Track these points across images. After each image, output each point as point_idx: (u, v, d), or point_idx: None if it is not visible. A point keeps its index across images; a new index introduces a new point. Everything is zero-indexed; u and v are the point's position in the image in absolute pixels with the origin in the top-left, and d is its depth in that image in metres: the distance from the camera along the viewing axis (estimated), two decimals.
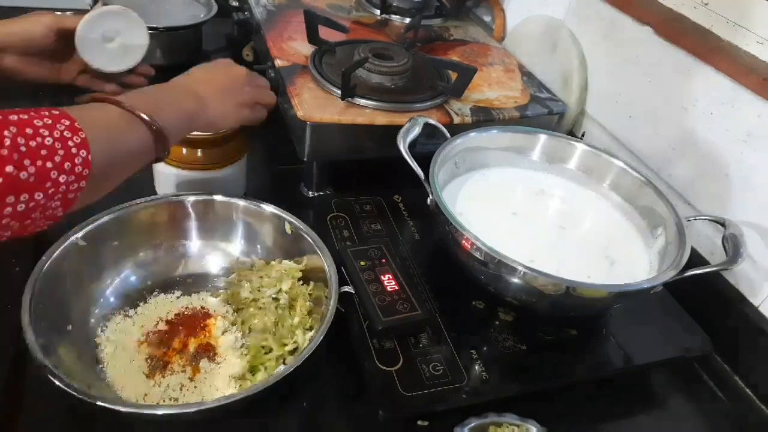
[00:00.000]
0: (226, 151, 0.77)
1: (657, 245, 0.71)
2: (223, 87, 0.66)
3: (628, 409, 0.68)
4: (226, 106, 0.65)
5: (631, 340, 0.69)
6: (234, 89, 0.67)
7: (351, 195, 0.81)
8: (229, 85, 0.67)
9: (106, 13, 0.74)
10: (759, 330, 0.70)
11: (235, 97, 0.67)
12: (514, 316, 0.68)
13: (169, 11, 1.16)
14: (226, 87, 0.66)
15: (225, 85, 0.66)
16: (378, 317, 0.61)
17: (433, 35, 1.11)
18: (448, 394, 0.59)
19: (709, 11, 0.79)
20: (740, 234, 0.65)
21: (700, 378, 0.74)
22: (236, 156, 0.78)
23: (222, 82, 0.66)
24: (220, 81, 0.66)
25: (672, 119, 0.83)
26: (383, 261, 0.68)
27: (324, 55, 0.91)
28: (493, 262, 0.60)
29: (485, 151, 0.79)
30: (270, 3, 1.08)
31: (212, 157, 0.76)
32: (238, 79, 0.68)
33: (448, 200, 0.68)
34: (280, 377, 0.52)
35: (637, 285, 0.61)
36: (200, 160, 0.75)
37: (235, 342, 0.63)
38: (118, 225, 0.67)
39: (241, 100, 0.67)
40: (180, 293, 0.69)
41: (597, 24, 0.95)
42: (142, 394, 0.58)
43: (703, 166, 0.78)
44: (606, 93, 0.95)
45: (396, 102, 0.84)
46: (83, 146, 0.46)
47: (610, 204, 0.78)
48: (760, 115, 0.70)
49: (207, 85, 0.64)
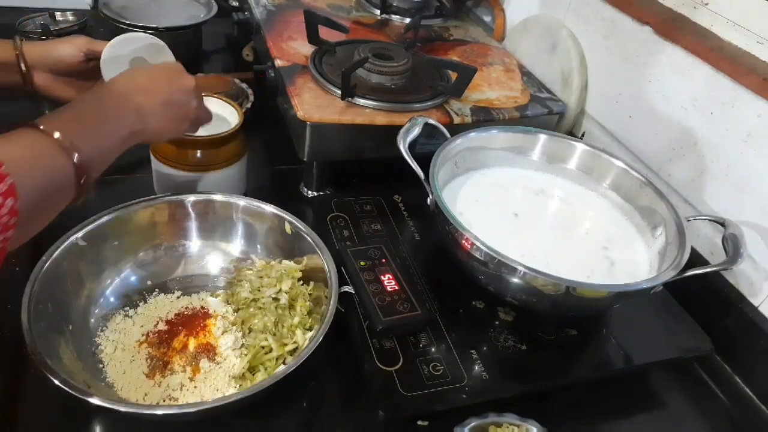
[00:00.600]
0: (226, 152, 0.77)
1: (657, 245, 0.71)
2: (168, 99, 0.59)
3: (628, 409, 0.68)
4: (167, 122, 0.60)
5: (631, 340, 0.69)
6: (178, 103, 0.61)
7: (351, 195, 0.82)
8: (173, 98, 0.60)
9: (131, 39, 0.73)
10: (759, 330, 0.70)
11: (179, 111, 0.61)
12: (514, 316, 0.68)
13: (169, 11, 1.16)
14: (171, 100, 0.60)
15: (170, 97, 0.59)
16: (378, 317, 0.61)
17: (433, 35, 1.11)
18: (448, 394, 0.59)
19: (709, 11, 0.79)
20: (740, 234, 0.65)
21: (700, 378, 0.74)
22: (236, 157, 0.78)
23: (167, 93, 0.59)
24: (165, 92, 0.59)
25: (672, 119, 0.83)
26: (383, 261, 0.68)
27: (324, 55, 0.91)
28: (493, 262, 0.60)
29: (485, 151, 0.79)
30: (270, 3, 1.08)
31: (212, 158, 0.76)
32: (185, 91, 0.61)
33: (448, 200, 0.68)
34: (280, 377, 0.52)
35: (637, 285, 0.61)
36: (200, 161, 0.75)
37: (235, 342, 0.63)
38: (118, 225, 0.67)
39: (184, 114, 0.62)
40: (180, 293, 0.69)
41: (597, 24, 0.95)
42: (142, 394, 0.58)
43: (703, 166, 0.78)
44: (606, 93, 0.95)
45: (396, 102, 0.84)
46: (10, 194, 0.41)
47: (610, 204, 0.78)
48: (760, 115, 0.70)
49: (149, 96, 0.57)
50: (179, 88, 0.61)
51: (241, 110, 0.80)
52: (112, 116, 0.55)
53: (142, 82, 0.58)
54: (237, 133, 0.77)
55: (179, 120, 0.61)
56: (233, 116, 0.80)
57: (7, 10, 1.20)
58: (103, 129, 0.53)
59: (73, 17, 1.08)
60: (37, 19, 1.04)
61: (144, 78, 0.59)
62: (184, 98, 0.61)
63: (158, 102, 0.58)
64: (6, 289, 0.61)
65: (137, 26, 1.06)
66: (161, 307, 0.67)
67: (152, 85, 0.59)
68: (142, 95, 0.57)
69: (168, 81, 0.60)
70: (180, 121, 0.62)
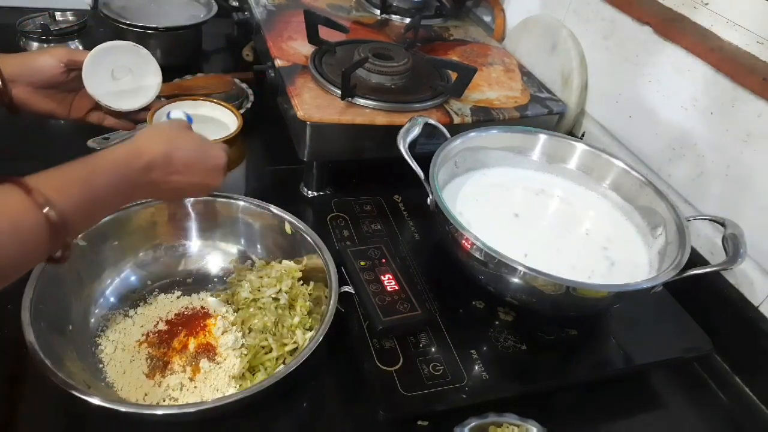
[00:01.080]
0: None
1: (657, 245, 0.71)
2: (191, 183, 0.58)
3: (628, 409, 0.68)
4: (180, 196, 0.59)
5: (631, 340, 0.69)
6: (201, 185, 0.59)
7: (351, 195, 0.81)
8: (198, 180, 0.58)
9: (112, 48, 0.72)
10: (759, 330, 0.70)
11: (199, 191, 0.60)
12: (514, 316, 0.68)
13: (169, 11, 1.16)
14: (194, 183, 0.58)
15: (194, 181, 0.58)
16: (378, 317, 0.61)
17: (433, 35, 1.11)
18: (448, 394, 0.59)
19: (709, 11, 0.79)
20: (740, 234, 0.65)
21: (700, 378, 0.74)
22: (235, 162, 0.78)
23: (194, 177, 0.57)
24: (196, 176, 0.57)
25: (672, 119, 0.83)
26: (383, 261, 0.68)
27: (324, 55, 0.91)
28: (493, 262, 0.60)
29: (485, 151, 0.79)
30: (270, 3, 1.08)
31: None
32: (213, 173, 0.59)
33: (448, 200, 0.68)
34: (280, 377, 0.52)
35: (637, 285, 0.61)
36: None
37: (235, 342, 0.63)
38: (118, 225, 0.67)
39: (203, 191, 0.60)
40: (180, 293, 0.69)
41: (597, 24, 0.95)
42: (142, 394, 0.58)
43: (703, 166, 0.78)
44: (606, 93, 0.95)
45: (396, 102, 0.84)
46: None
47: (610, 204, 0.78)
48: (760, 114, 0.70)
49: (177, 177, 0.55)
50: (207, 173, 0.58)
51: (240, 115, 0.79)
52: (120, 192, 0.52)
53: (178, 166, 0.55)
54: (236, 138, 0.76)
55: (193, 194, 0.60)
56: (232, 121, 0.79)
57: (7, 10, 1.20)
58: (104, 203, 0.50)
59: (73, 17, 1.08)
60: (37, 19, 1.04)
61: (180, 161, 0.56)
62: (206, 181, 0.59)
63: (183, 184, 0.57)
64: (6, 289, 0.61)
65: (137, 26, 1.06)
66: (161, 307, 0.67)
67: (186, 169, 0.56)
68: (171, 179, 0.55)
69: (202, 166, 0.58)
70: (194, 194, 0.61)
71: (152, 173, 0.54)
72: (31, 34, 1.01)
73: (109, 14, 1.07)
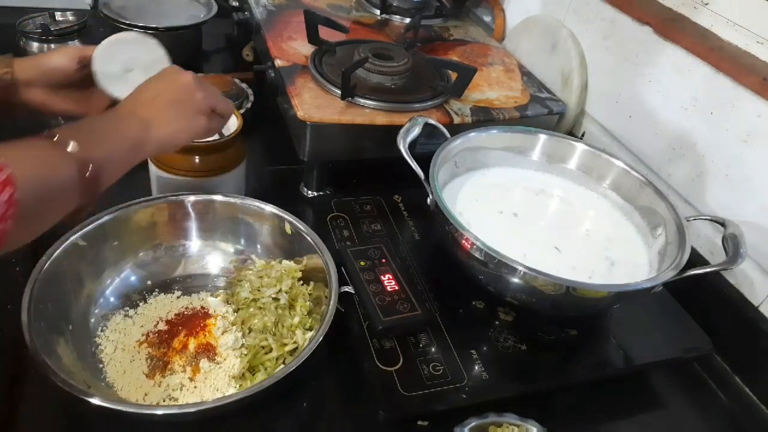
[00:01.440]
0: (224, 158, 0.76)
1: (657, 245, 0.71)
2: (169, 101, 0.59)
3: (628, 409, 0.68)
4: (177, 122, 0.59)
5: (631, 340, 0.69)
6: (182, 100, 0.60)
7: (351, 195, 0.81)
8: (175, 97, 0.60)
9: (120, 40, 0.71)
10: (759, 330, 0.70)
11: (185, 108, 0.61)
12: (514, 316, 0.68)
13: (168, 11, 1.16)
14: (172, 99, 0.60)
15: (171, 98, 0.60)
16: (378, 317, 0.61)
17: (433, 35, 1.11)
18: (448, 394, 0.59)
19: (709, 11, 0.79)
20: (740, 234, 0.65)
21: (700, 378, 0.74)
22: (235, 162, 0.77)
23: (167, 96, 0.60)
24: (166, 96, 0.59)
25: (672, 119, 0.83)
26: (383, 261, 0.68)
27: (324, 55, 0.91)
28: (493, 262, 0.60)
29: (485, 151, 0.79)
30: (270, 3, 1.08)
31: (211, 163, 0.75)
32: (185, 88, 0.61)
33: (448, 200, 0.68)
34: (280, 377, 0.52)
35: (637, 285, 0.61)
36: (198, 167, 0.74)
37: (235, 342, 0.63)
38: (118, 225, 0.67)
39: (193, 109, 0.61)
40: (180, 293, 0.69)
41: (597, 24, 0.95)
42: (142, 394, 0.58)
43: (703, 166, 0.78)
44: (606, 93, 0.95)
45: (396, 102, 0.84)
46: (8, 183, 0.42)
47: (610, 204, 0.78)
48: (760, 114, 0.70)
49: (151, 105, 0.58)
50: (177, 89, 0.60)
51: (240, 115, 0.79)
52: (116, 128, 0.55)
53: (144, 96, 0.59)
54: (236, 139, 0.76)
55: (189, 118, 0.61)
56: (232, 121, 0.79)
57: (7, 10, 1.20)
58: (110, 140, 0.53)
59: (73, 17, 1.08)
60: (37, 19, 1.04)
61: (146, 91, 0.59)
62: (185, 95, 0.60)
63: (160, 107, 0.58)
64: (6, 289, 0.61)
65: (137, 26, 1.06)
66: (161, 307, 0.67)
67: (153, 94, 0.59)
68: (144, 107, 0.58)
69: (166, 85, 0.60)
70: (190, 119, 0.61)
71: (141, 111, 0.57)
72: (31, 34, 1.01)
73: (109, 14, 1.07)
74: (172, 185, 0.76)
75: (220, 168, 0.76)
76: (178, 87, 0.61)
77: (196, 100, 0.61)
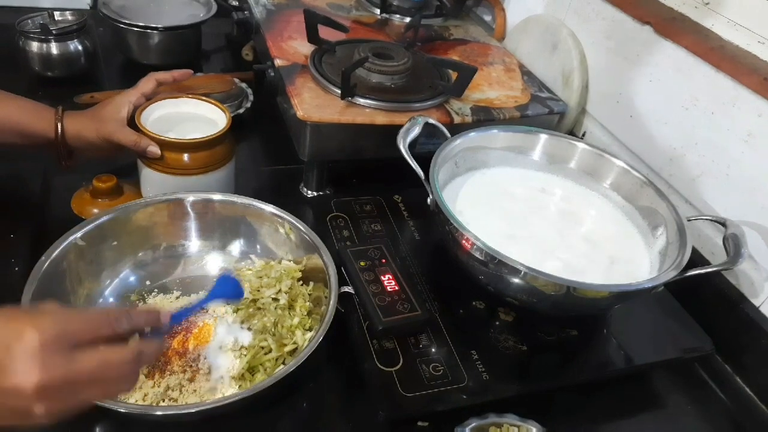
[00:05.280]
0: (213, 155, 0.75)
1: (658, 245, 0.71)
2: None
3: (628, 409, 0.68)
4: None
5: (631, 341, 0.69)
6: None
7: (351, 195, 0.81)
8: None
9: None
10: (760, 330, 0.70)
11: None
12: (515, 317, 0.68)
13: (168, 11, 1.16)
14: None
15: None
16: (378, 317, 0.61)
17: (434, 35, 1.11)
18: (448, 395, 0.59)
19: (709, 11, 0.79)
20: (741, 234, 0.65)
21: (700, 378, 0.73)
22: (223, 160, 0.76)
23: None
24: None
25: (673, 119, 0.83)
26: (383, 261, 0.68)
27: (324, 55, 0.91)
28: (493, 262, 0.60)
29: (486, 150, 0.79)
30: (270, 2, 1.08)
31: (200, 161, 0.74)
32: (13, 394, 0.38)
33: (448, 200, 0.67)
34: (280, 377, 0.52)
35: (638, 285, 0.61)
36: (186, 164, 0.74)
37: (235, 342, 0.63)
38: (118, 225, 0.66)
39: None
40: (179, 293, 0.69)
41: (598, 23, 0.95)
42: (142, 394, 0.58)
43: (704, 166, 0.78)
44: (607, 92, 0.95)
45: (396, 102, 0.84)
46: None
47: (610, 204, 0.78)
48: (761, 114, 0.70)
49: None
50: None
51: (229, 113, 0.78)
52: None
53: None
54: (224, 137, 0.75)
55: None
56: (221, 119, 0.78)
57: (6, 10, 1.20)
58: None
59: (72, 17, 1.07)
60: (36, 19, 1.04)
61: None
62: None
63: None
64: (6, 289, 0.61)
65: (137, 26, 1.06)
66: (160, 308, 0.67)
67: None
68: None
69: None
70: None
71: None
72: (31, 34, 1.01)
73: (109, 14, 1.07)
74: (160, 183, 0.75)
75: (209, 165, 0.75)
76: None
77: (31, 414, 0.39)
